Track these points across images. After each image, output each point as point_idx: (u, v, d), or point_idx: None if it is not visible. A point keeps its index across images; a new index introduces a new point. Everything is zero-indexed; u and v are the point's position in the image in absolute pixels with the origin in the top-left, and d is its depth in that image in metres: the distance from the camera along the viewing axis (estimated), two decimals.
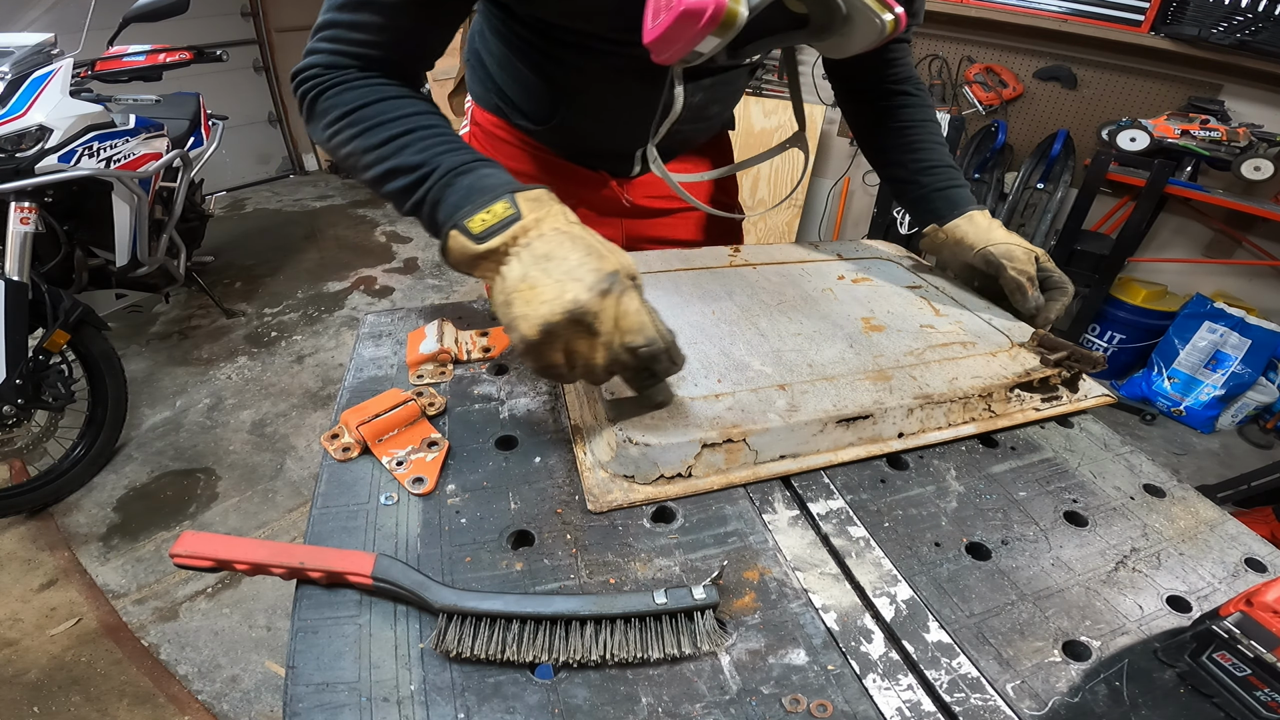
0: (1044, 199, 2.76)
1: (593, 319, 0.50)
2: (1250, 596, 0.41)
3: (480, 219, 0.54)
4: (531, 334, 0.50)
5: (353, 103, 0.62)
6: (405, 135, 0.61)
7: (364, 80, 0.64)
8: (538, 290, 0.50)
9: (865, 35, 0.58)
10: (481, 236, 0.53)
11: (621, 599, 0.45)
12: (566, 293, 0.49)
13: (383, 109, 0.62)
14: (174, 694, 1.48)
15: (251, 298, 3.28)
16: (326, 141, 0.65)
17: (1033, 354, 0.72)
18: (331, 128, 0.64)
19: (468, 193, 0.56)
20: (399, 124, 0.61)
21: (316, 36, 0.65)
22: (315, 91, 0.64)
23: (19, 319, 1.76)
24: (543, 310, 0.49)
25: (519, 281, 0.51)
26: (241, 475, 2.15)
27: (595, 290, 0.49)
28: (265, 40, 4.78)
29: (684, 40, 0.53)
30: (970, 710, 0.41)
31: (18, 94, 1.85)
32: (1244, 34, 2.22)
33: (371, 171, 0.62)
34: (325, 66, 0.64)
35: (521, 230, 0.53)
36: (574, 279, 0.50)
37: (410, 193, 0.60)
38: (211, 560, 0.46)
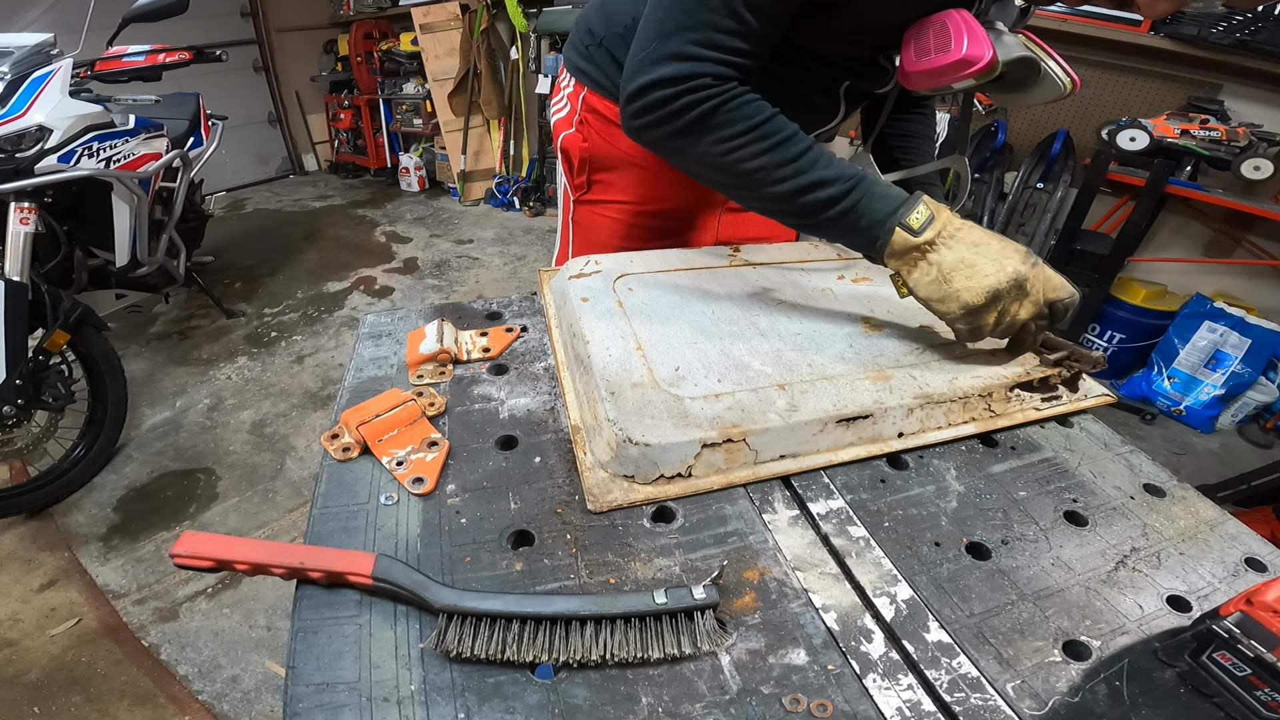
0: (1044, 199, 2.76)
1: (1028, 283, 0.63)
2: (1250, 596, 0.41)
3: (914, 217, 0.65)
4: (978, 300, 0.62)
5: (757, 117, 0.66)
6: (812, 150, 0.67)
7: (752, 96, 0.68)
8: (977, 268, 0.63)
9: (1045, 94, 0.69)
10: (919, 231, 0.65)
11: (621, 599, 0.45)
12: (1007, 266, 0.63)
13: (783, 124, 0.67)
14: (174, 694, 1.48)
15: (251, 298, 3.28)
16: (722, 154, 0.67)
17: (1032, 354, 0.72)
18: (735, 140, 0.66)
19: (887, 199, 0.66)
20: (801, 140, 0.68)
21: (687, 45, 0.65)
22: (713, 103, 0.66)
23: (19, 319, 1.76)
24: (988, 282, 0.62)
25: (958, 263, 0.64)
26: (241, 475, 2.15)
27: (1027, 264, 0.63)
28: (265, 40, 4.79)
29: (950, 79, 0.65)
30: (970, 710, 0.41)
31: (17, 94, 1.85)
32: (1244, 34, 2.22)
33: (788, 184, 0.67)
34: (715, 78, 0.66)
35: (942, 226, 0.65)
36: (1007, 257, 0.63)
37: (836, 202, 0.67)
38: (211, 560, 0.46)
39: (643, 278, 0.82)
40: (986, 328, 0.65)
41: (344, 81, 5.03)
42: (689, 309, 0.75)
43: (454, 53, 4.22)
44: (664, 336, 0.69)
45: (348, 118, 5.06)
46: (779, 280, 0.85)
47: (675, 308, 0.75)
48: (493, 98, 4.27)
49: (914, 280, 0.66)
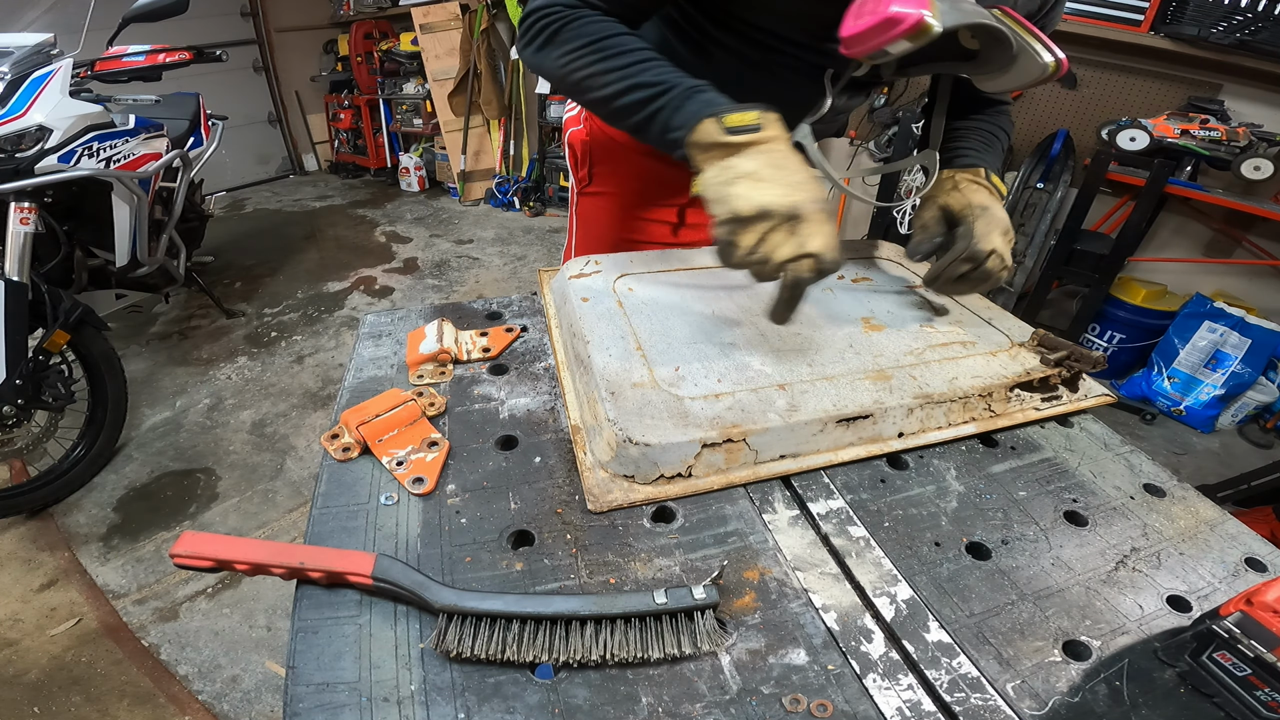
0: (1044, 198, 2.76)
1: (800, 222, 0.60)
2: (1250, 596, 0.41)
3: (737, 117, 0.63)
4: (748, 211, 0.60)
5: (599, 33, 0.71)
6: (647, 62, 0.70)
7: (601, 18, 0.73)
8: (765, 183, 0.60)
9: (1026, 74, 0.64)
10: (733, 130, 0.63)
11: (621, 599, 0.45)
12: (795, 194, 0.60)
13: (626, 41, 0.71)
14: (174, 694, 1.48)
15: (251, 298, 3.28)
16: (560, 67, 0.73)
17: (1033, 353, 0.72)
18: (572, 54, 0.71)
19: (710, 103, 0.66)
20: (641, 53, 0.70)
21: None
22: (560, 23, 0.72)
23: (19, 319, 1.76)
24: (767, 197, 0.60)
25: (750, 172, 0.61)
26: (241, 475, 2.15)
27: (815, 204, 0.60)
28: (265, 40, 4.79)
29: (879, 41, 0.60)
30: (970, 710, 0.41)
31: (17, 94, 1.85)
32: (1244, 34, 2.22)
33: (608, 88, 0.70)
34: (568, 5, 0.72)
35: (762, 139, 0.63)
36: (799, 188, 0.61)
37: (648, 103, 0.68)
38: (211, 560, 0.46)
39: (643, 278, 0.82)
40: (741, 248, 0.62)
41: (344, 81, 5.03)
42: (689, 309, 0.75)
43: (454, 53, 4.22)
44: (664, 336, 0.69)
45: (348, 118, 5.06)
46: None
47: (675, 308, 0.75)
48: (493, 98, 4.27)
49: (705, 177, 0.65)
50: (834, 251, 0.61)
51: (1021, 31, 0.63)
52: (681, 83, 0.68)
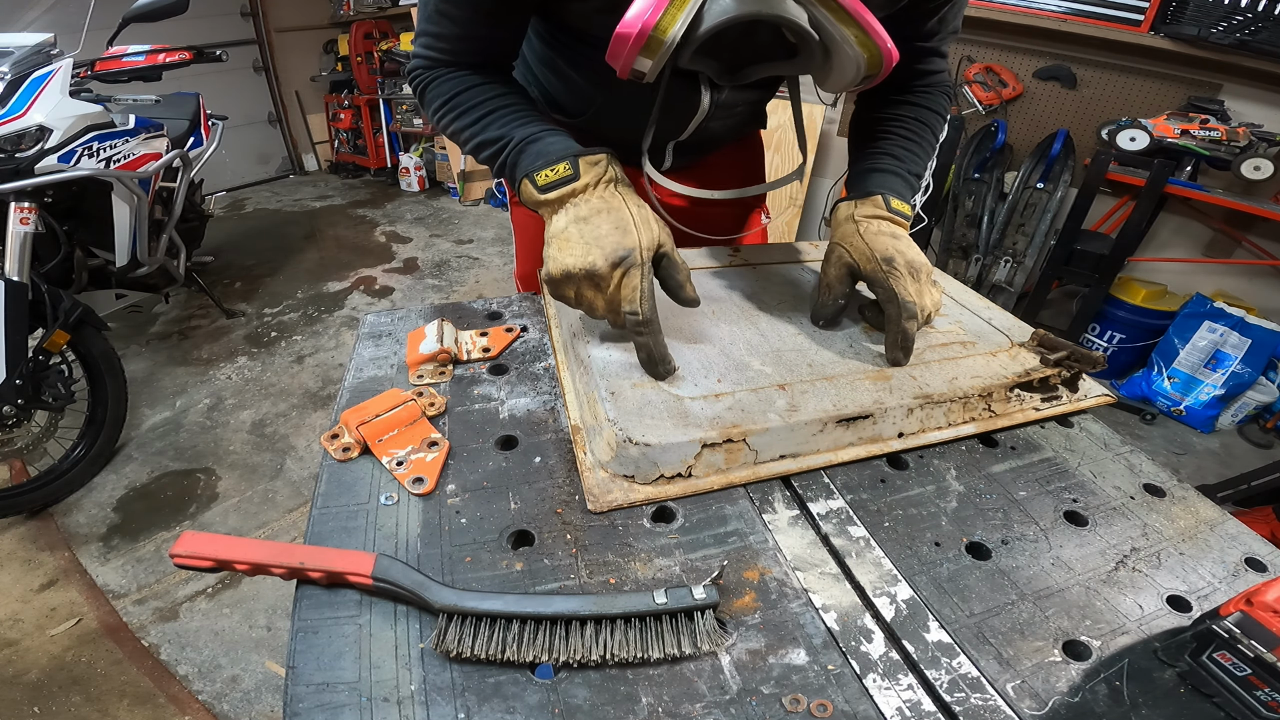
0: (1044, 199, 2.76)
1: (600, 280, 0.62)
2: (1250, 596, 0.41)
3: (545, 174, 0.66)
4: (555, 273, 0.63)
5: (449, 92, 0.74)
6: (490, 114, 0.73)
7: (455, 74, 0.75)
8: (570, 244, 0.63)
9: (844, 71, 0.58)
10: (544, 189, 0.66)
11: (621, 599, 0.45)
12: (590, 255, 0.62)
13: (472, 95, 0.74)
14: (174, 694, 1.48)
15: (251, 298, 3.28)
16: (436, 125, 0.78)
17: (1032, 354, 0.72)
18: (437, 113, 0.76)
19: (536, 156, 0.68)
20: (484, 105, 0.73)
21: (416, 42, 0.77)
22: (422, 85, 0.77)
23: (19, 319, 1.76)
24: (567, 261, 0.62)
25: (559, 232, 0.64)
26: (241, 475, 2.15)
27: (609, 261, 0.61)
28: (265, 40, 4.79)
29: (621, 58, 0.57)
30: (970, 710, 0.41)
31: (17, 94, 1.85)
32: (1244, 34, 2.22)
33: (468, 147, 0.75)
34: (425, 66, 0.76)
35: (572, 191, 0.65)
36: (598, 246, 0.62)
37: (495, 159, 0.72)
38: (211, 560, 0.46)
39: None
40: (568, 301, 0.66)
41: (344, 81, 5.02)
42: (689, 309, 0.75)
43: None
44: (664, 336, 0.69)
45: (348, 118, 5.06)
46: (779, 280, 0.85)
47: (675, 307, 0.75)
48: None
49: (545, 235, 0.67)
50: (632, 304, 0.61)
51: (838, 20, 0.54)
52: (516, 134, 0.70)
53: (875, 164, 0.79)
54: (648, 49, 0.55)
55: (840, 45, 0.55)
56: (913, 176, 0.80)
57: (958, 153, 2.83)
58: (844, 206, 0.76)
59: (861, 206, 0.73)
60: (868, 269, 0.69)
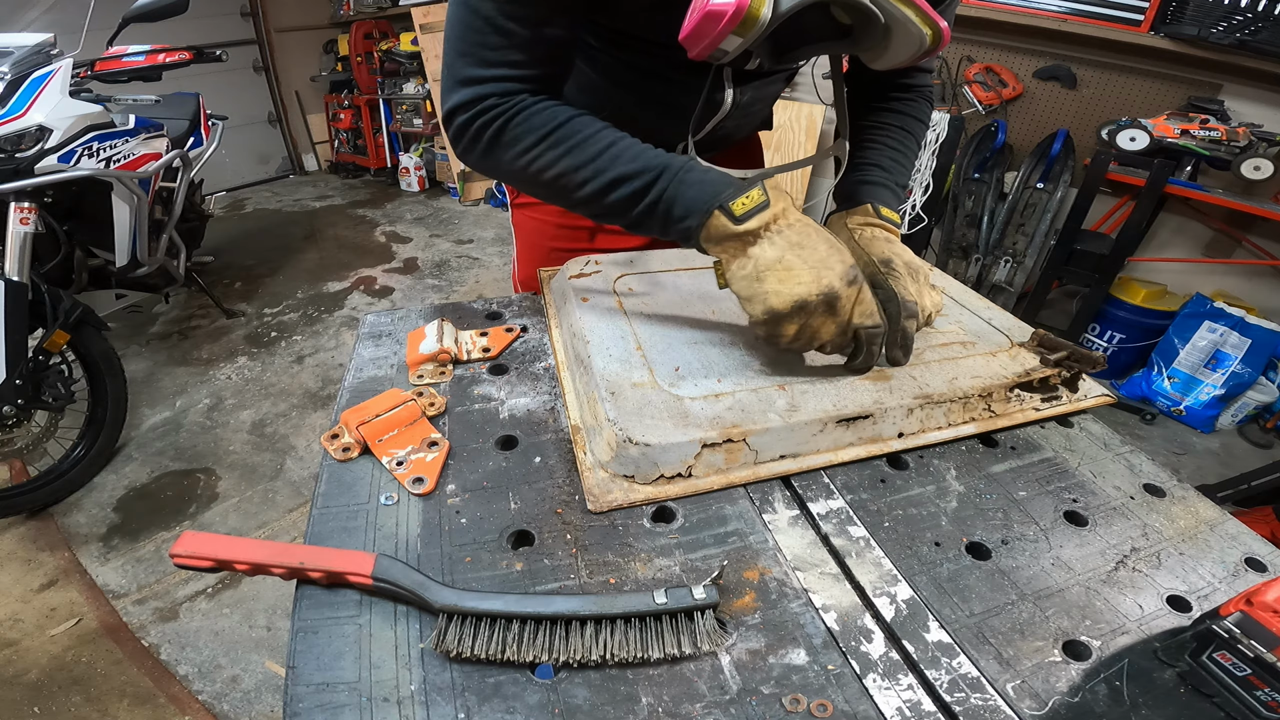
0: (1044, 199, 2.76)
1: (838, 302, 0.59)
2: (1250, 596, 0.41)
3: (741, 202, 0.60)
4: (783, 307, 0.58)
5: (547, 125, 0.65)
6: (613, 147, 0.64)
7: (543, 104, 0.66)
8: (794, 272, 0.58)
9: (905, 47, 0.58)
10: (742, 218, 0.60)
11: (621, 599, 0.45)
12: (824, 278, 0.58)
13: (577, 126, 0.65)
14: (174, 694, 1.48)
15: (251, 298, 3.28)
16: (524, 168, 0.67)
17: (1032, 354, 0.72)
18: (530, 152, 0.66)
19: (708, 185, 0.62)
20: (601, 138, 0.65)
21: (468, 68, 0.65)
22: (501, 120, 0.66)
23: (19, 319, 1.76)
24: (799, 290, 0.58)
25: (775, 262, 0.59)
26: (241, 475, 2.15)
27: (845, 279, 0.59)
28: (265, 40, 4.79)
29: (710, 38, 0.55)
30: (970, 710, 0.41)
31: (17, 94, 1.85)
32: (1244, 33, 2.22)
33: (590, 186, 0.65)
34: (500, 95, 0.65)
35: (772, 217, 0.60)
36: (828, 267, 0.59)
37: (642, 196, 0.64)
38: (211, 560, 0.46)
39: (643, 278, 0.82)
40: (785, 338, 0.61)
41: (344, 81, 5.03)
42: (689, 309, 0.75)
43: None
44: (664, 336, 0.69)
45: (348, 118, 5.06)
46: None
47: (675, 308, 0.75)
48: None
49: (731, 272, 0.62)
50: (874, 318, 0.61)
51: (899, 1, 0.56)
52: (666, 165, 0.63)
53: (863, 175, 0.81)
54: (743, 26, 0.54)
55: (903, 24, 0.56)
56: (899, 187, 0.82)
57: (958, 153, 2.83)
58: (835, 218, 0.78)
59: (853, 216, 0.76)
60: (867, 272, 0.70)
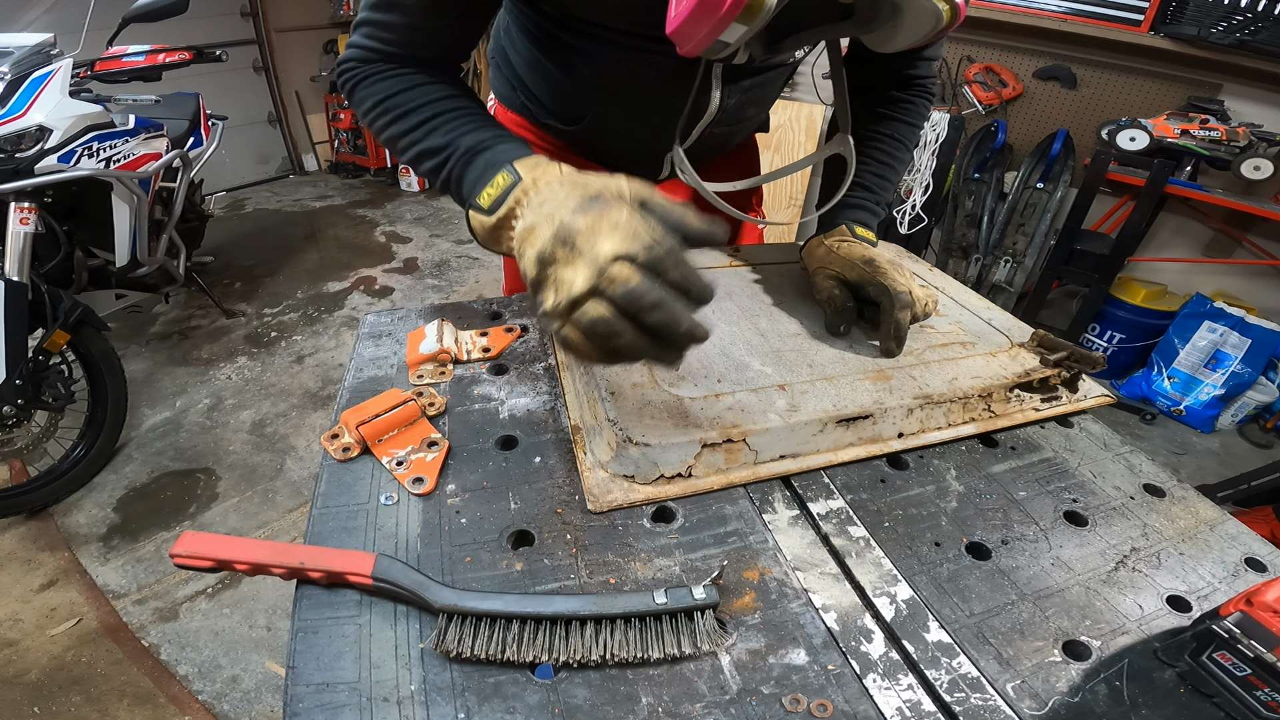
0: (1044, 198, 2.76)
1: (576, 235, 0.46)
2: (1250, 596, 0.41)
3: (487, 193, 0.58)
4: (532, 271, 0.49)
5: (383, 93, 0.67)
6: (431, 120, 0.65)
7: (394, 71, 0.68)
8: (536, 231, 0.50)
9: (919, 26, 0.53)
10: (490, 209, 0.57)
11: (621, 599, 0.45)
12: (555, 217, 0.48)
13: (410, 96, 0.66)
14: (174, 694, 1.48)
15: (251, 298, 3.28)
16: (370, 125, 0.71)
17: (1032, 354, 0.72)
18: (369, 114, 0.69)
19: (480, 171, 0.60)
20: (425, 110, 0.65)
21: (355, 32, 0.69)
22: (353, 82, 0.70)
23: (19, 319, 1.76)
24: (537, 246, 0.49)
25: (525, 231, 0.52)
26: (241, 475, 2.15)
27: (578, 210, 0.47)
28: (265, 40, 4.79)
29: (707, 29, 0.50)
30: (970, 710, 0.41)
31: (17, 94, 1.85)
32: (1243, 34, 2.22)
33: (406, 155, 0.68)
34: (360, 61, 0.69)
35: (523, 192, 0.56)
36: (562, 207, 0.49)
37: (438, 172, 0.65)
38: (211, 560, 0.46)
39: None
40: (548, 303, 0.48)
41: None
42: None
43: None
44: None
45: (347, 118, 5.05)
46: (779, 280, 0.85)
47: None
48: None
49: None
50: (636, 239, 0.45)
51: None
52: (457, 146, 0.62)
53: (847, 198, 0.82)
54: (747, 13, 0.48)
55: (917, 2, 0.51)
56: (881, 206, 0.85)
57: (958, 153, 2.83)
58: (814, 241, 0.81)
59: (830, 237, 0.79)
60: (853, 275, 0.73)
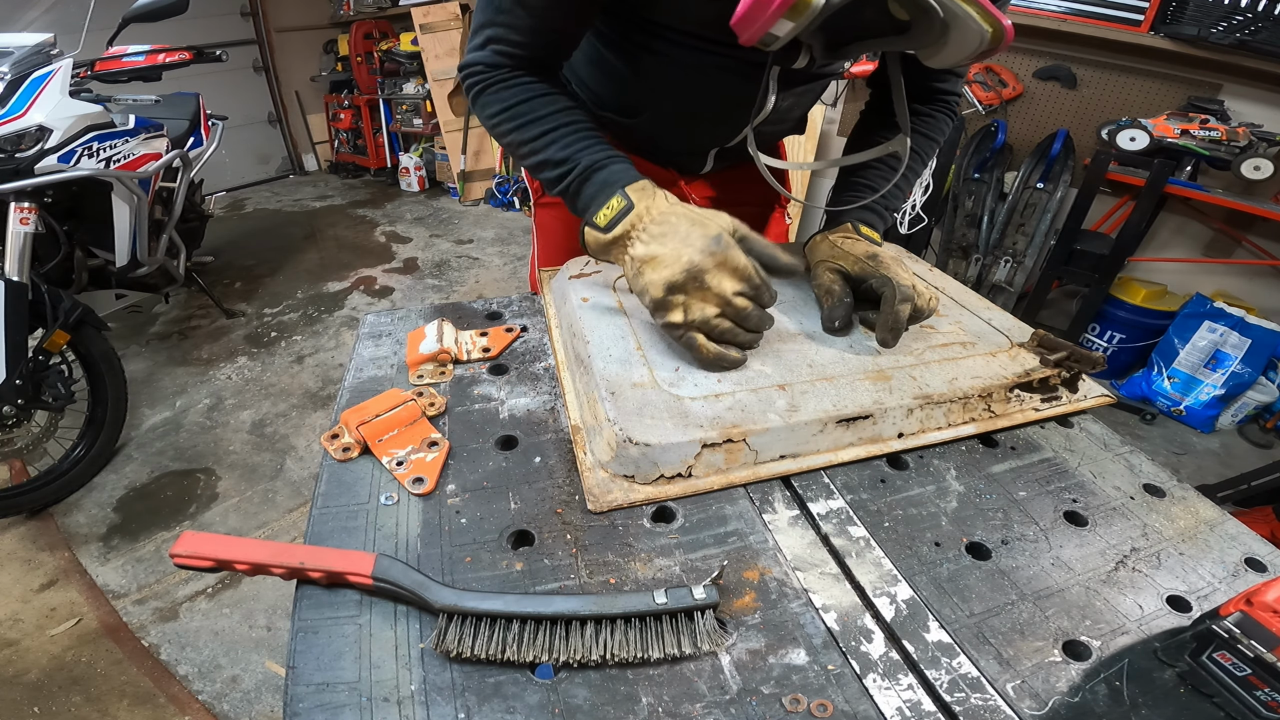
0: (1044, 199, 2.76)
1: (705, 275, 0.60)
2: (1250, 596, 0.41)
3: (603, 214, 0.67)
4: (658, 294, 0.61)
5: (510, 100, 0.73)
6: (553, 131, 0.72)
7: (517, 79, 0.74)
8: (660, 259, 0.61)
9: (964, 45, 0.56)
10: (607, 228, 0.66)
11: (621, 599, 0.45)
12: (683, 257, 0.60)
13: (535, 106, 0.73)
14: (174, 694, 1.48)
15: (251, 298, 3.28)
16: (494, 129, 0.76)
17: (1032, 354, 0.72)
18: (494, 119, 0.75)
19: (597, 189, 0.68)
20: (548, 120, 0.72)
21: (477, 36, 0.74)
22: (479, 87, 0.75)
23: (19, 319, 1.76)
24: (665, 274, 0.61)
25: (645, 256, 0.63)
26: (241, 475, 2.15)
27: (704, 251, 0.60)
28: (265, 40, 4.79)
29: (760, 22, 0.56)
30: (970, 710, 0.41)
31: (17, 94, 1.85)
32: (1243, 33, 2.22)
33: (529, 160, 0.74)
34: (487, 65, 0.74)
35: (637, 218, 0.65)
36: (687, 245, 0.61)
37: (558, 183, 0.72)
38: (211, 560, 0.46)
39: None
40: (676, 324, 0.63)
41: (344, 81, 5.03)
42: None
43: (454, 53, 4.22)
44: (664, 336, 0.69)
45: (348, 118, 5.06)
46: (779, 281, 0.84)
47: None
48: None
49: (625, 276, 0.67)
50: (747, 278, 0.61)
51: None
52: (578, 162, 0.70)
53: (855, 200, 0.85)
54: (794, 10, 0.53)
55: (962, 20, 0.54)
56: (889, 213, 0.87)
57: (958, 153, 2.83)
58: (818, 237, 0.82)
59: (834, 233, 0.81)
60: (855, 269, 0.74)
